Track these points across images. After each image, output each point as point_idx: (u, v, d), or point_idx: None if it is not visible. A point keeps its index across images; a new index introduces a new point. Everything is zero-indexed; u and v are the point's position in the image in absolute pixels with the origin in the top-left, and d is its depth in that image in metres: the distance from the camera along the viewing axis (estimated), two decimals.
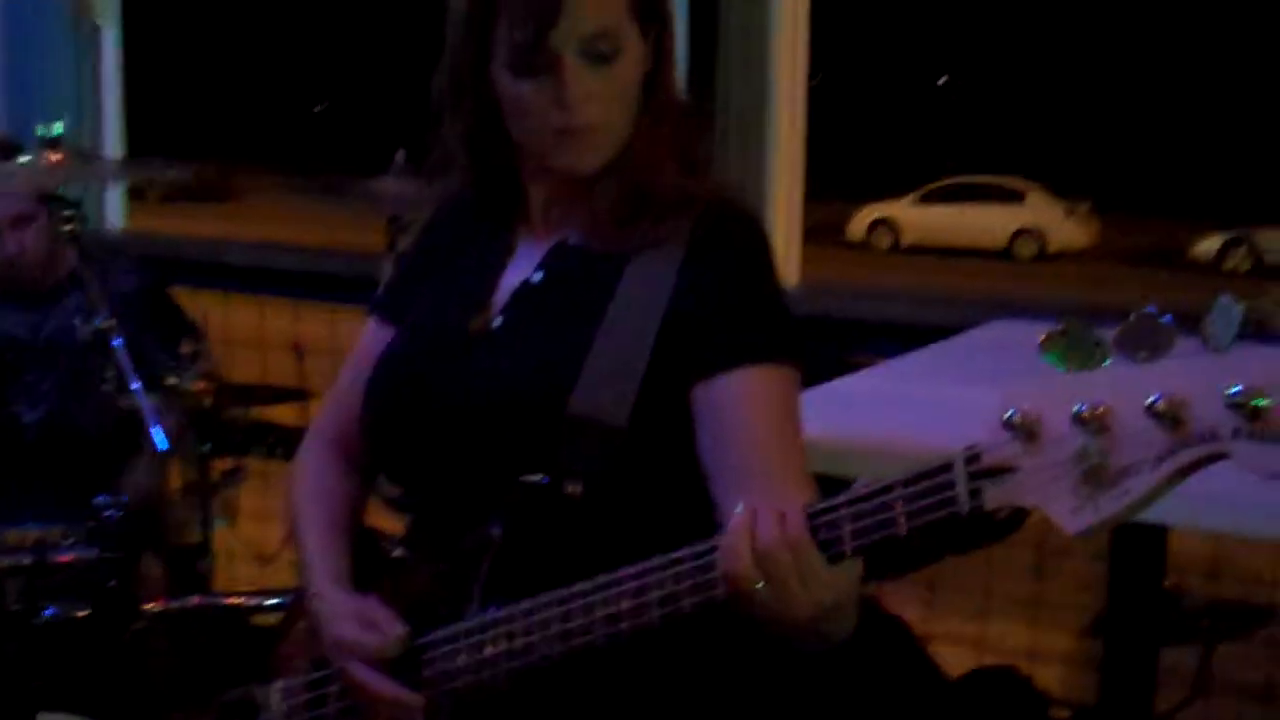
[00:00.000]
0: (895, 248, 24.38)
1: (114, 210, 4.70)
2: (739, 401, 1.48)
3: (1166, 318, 1.10)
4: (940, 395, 2.46)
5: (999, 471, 1.15)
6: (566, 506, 1.48)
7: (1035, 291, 15.84)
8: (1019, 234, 23.64)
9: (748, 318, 1.52)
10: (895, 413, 2.40)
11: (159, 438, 2.53)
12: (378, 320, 1.75)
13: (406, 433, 1.61)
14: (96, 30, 4.87)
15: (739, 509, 1.28)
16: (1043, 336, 1.15)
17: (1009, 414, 1.14)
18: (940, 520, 1.18)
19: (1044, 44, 41.57)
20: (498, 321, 1.60)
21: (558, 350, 1.52)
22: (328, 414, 1.80)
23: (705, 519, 1.47)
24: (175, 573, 2.89)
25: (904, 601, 2.72)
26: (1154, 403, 1.07)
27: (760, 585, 1.26)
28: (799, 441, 1.51)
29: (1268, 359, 1.03)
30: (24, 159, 2.77)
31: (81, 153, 3.43)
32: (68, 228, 2.75)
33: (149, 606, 2.63)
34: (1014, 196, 24.17)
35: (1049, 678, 3.19)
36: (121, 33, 4.97)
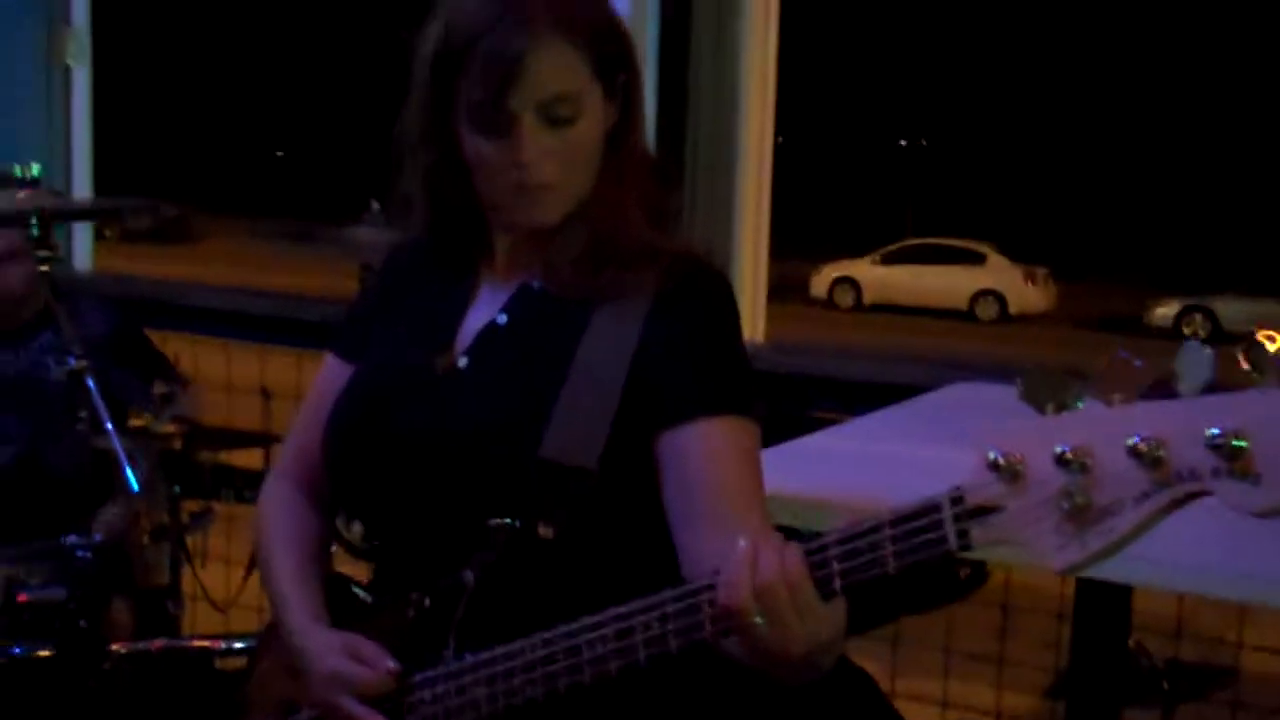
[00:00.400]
0: (858, 306, 24.57)
1: (82, 251, 4.70)
2: (703, 450, 1.51)
3: (1138, 361, 1.15)
4: (906, 454, 2.49)
5: (984, 511, 1.18)
6: (539, 549, 1.49)
7: (998, 352, 15.96)
8: (980, 295, 23.89)
9: (712, 370, 1.54)
10: (860, 470, 2.43)
11: (131, 479, 2.53)
12: (335, 357, 1.75)
13: (371, 472, 1.61)
14: (68, 71, 4.88)
15: (741, 544, 1.30)
16: (1020, 380, 1.18)
17: (992, 455, 1.17)
18: (928, 560, 1.21)
19: (1007, 110, 42.12)
20: (463, 362, 1.61)
21: (527, 394, 1.54)
22: (290, 452, 1.79)
23: (673, 562, 1.51)
24: (143, 614, 2.88)
25: (866, 658, 2.73)
26: (1135, 443, 1.10)
27: (759, 620, 1.28)
28: (760, 490, 1.54)
29: (1239, 402, 1.06)
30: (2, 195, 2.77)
31: (57, 193, 3.45)
32: (44, 267, 2.76)
33: (116, 648, 2.62)
34: (975, 258, 24.42)
35: None
36: (92, 75, 4.98)
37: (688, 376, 1.53)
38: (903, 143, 42.52)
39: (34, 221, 2.74)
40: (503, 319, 1.62)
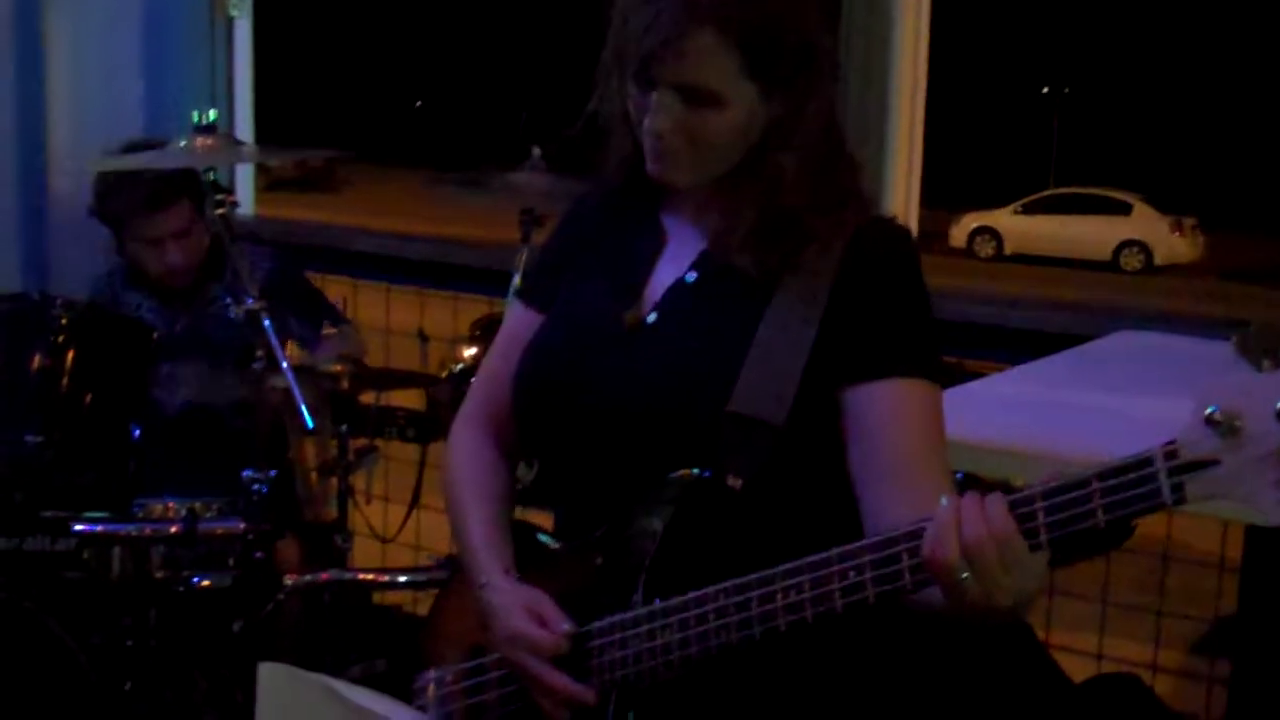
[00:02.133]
0: (998, 256, 24.17)
1: (245, 197, 4.81)
2: (889, 409, 1.53)
3: None
4: (1077, 400, 2.46)
5: (1198, 466, 1.18)
6: (727, 500, 1.51)
7: (1146, 303, 15.60)
8: (1125, 245, 23.33)
9: (901, 331, 1.56)
10: (1034, 416, 2.41)
11: (306, 416, 2.61)
12: (524, 306, 1.78)
13: (562, 424, 1.64)
14: (231, 22, 4.97)
15: (944, 502, 1.31)
16: (1236, 338, 1.18)
17: (1209, 410, 1.17)
18: (1140, 513, 1.22)
19: (1152, 56, 40.90)
20: (653, 317, 1.64)
21: (717, 350, 1.56)
22: (478, 399, 1.83)
23: (855, 518, 1.54)
24: (312, 548, 2.97)
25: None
26: None
27: (965, 576, 1.29)
28: (943, 452, 1.56)
29: None
30: (182, 143, 2.86)
31: (231, 138, 3.53)
32: (220, 210, 2.84)
33: (288, 579, 2.71)
34: (1120, 208, 23.85)
35: (1165, 691, 3.16)
36: (254, 24, 5.07)
37: (877, 336, 1.55)
38: (1045, 90, 41.57)
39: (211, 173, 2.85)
40: (691, 276, 1.64)
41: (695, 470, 1.52)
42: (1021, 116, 40.35)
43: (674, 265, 1.66)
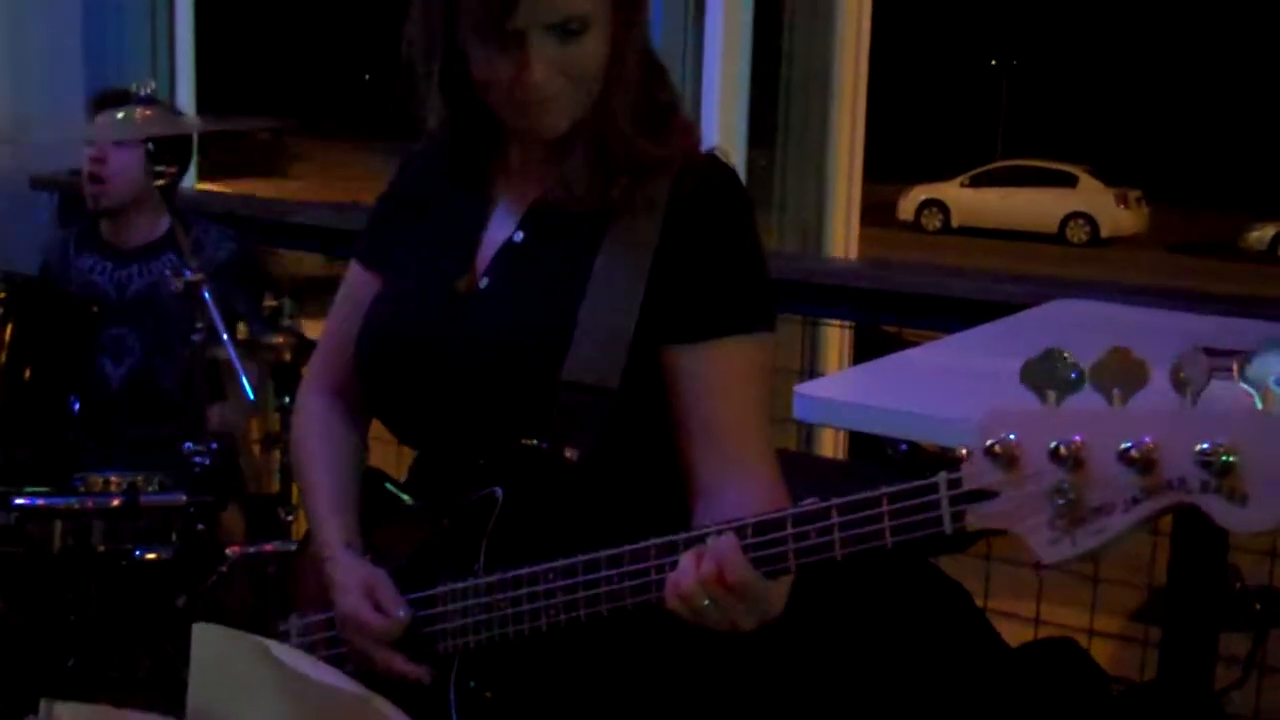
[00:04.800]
0: (945, 228, 24.32)
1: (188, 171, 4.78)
2: (710, 370, 1.53)
3: (1140, 356, 1.13)
4: (1007, 370, 2.49)
5: (981, 495, 1.20)
6: (564, 470, 1.51)
7: (1089, 275, 15.76)
8: (1071, 218, 23.54)
9: (725, 286, 1.55)
10: (961, 385, 2.44)
11: (247, 387, 2.61)
12: (360, 266, 1.76)
13: (403, 391, 1.64)
14: None
15: (682, 563, 1.35)
16: (1023, 365, 1.19)
17: (990, 442, 1.17)
18: (923, 537, 1.23)
19: (1098, 30, 41.18)
20: (484, 282, 1.62)
21: (547, 314, 1.55)
22: (323, 361, 1.82)
23: None
24: (254, 520, 2.97)
25: (960, 574, 2.75)
26: (1127, 448, 1.10)
27: (707, 610, 1.35)
28: (763, 414, 1.57)
29: (1234, 419, 1.06)
30: (121, 113, 2.84)
31: (174, 110, 3.52)
32: (160, 181, 2.83)
33: (231, 551, 2.71)
34: (1066, 180, 24.04)
35: (1101, 656, 3.22)
36: None
37: (699, 294, 1.54)
38: (993, 62, 41.76)
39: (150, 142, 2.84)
40: (519, 236, 1.62)
41: (533, 440, 1.52)
42: (969, 89, 40.51)
43: (503, 227, 1.64)
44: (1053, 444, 1.14)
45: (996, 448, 1.17)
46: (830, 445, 4.06)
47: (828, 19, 4.33)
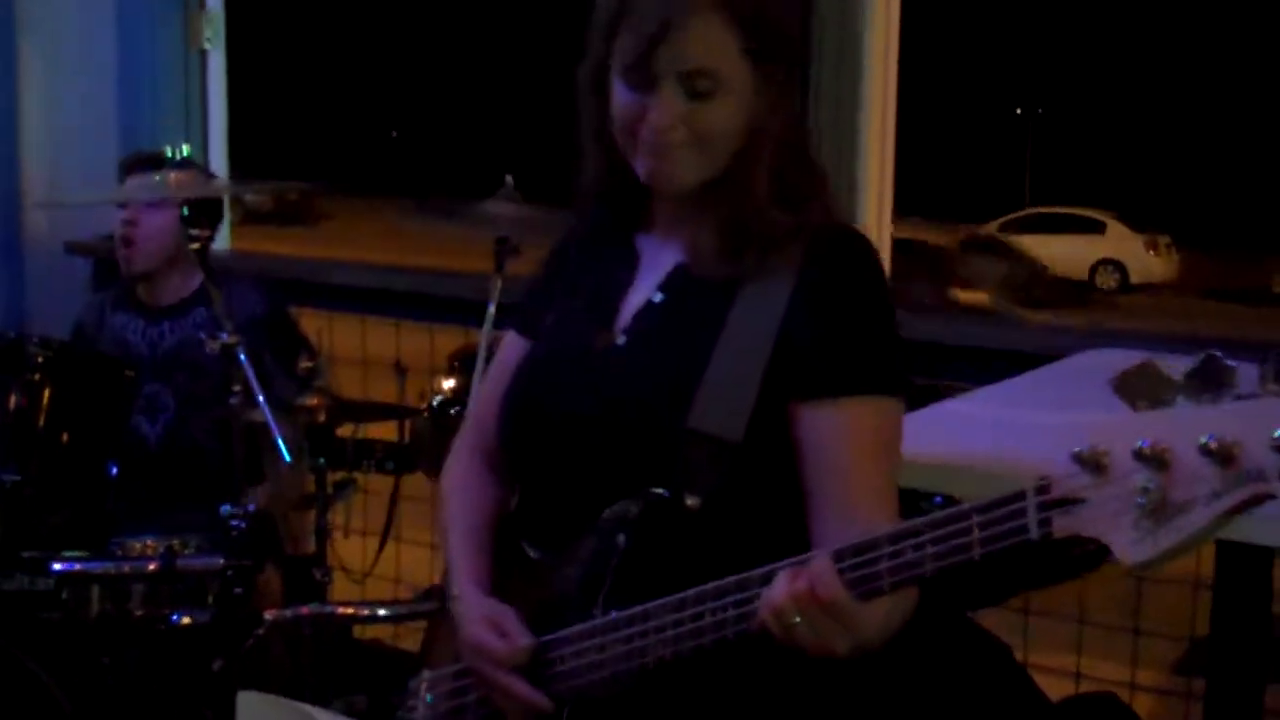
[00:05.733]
0: None
1: (220, 231, 4.81)
2: (837, 430, 1.55)
3: (1229, 360, 1.17)
4: (1043, 420, 2.48)
5: (1068, 502, 1.21)
6: (685, 519, 1.54)
7: (1119, 323, 15.70)
8: (1100, 264, 23.46)
9: (856, 347, 1.57)
10: (998, 435, 2.43)
11: (284, 450, 2.62)
12: (515, 334, 1.84)
13: (536, 443, 1.69)
14: (204, 55, 4.99)
15: (776, 579, 1.39)
16: (1118, 376, 1.20)
17: (1078, 449, 1.20)
18: (1012, 547, 1.25)
19: (1125, 75, 41.19)
20: (621, 339, 1.67)
21: (676, 368, 1.59)
22: (472, 424, 1.90)
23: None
24: (292, 583, 2.97)
25: (999, 630, 2.72)
26: (1207, 442, 1.13)
27: (799, 628, 1.37)
28: (888, 476, 1.58)
29: None
30: (155, 176, 2.87)
31: (207, 173, 3.55)
32: (196, 244, 2.86)
33: (269, 614, 2.71)
34: (1095, 227, 23.98)
35: (1143, 710, 3.18)
36: (227, 56, 5.09)
37: (829, 352, 1.56)
38: (1018, 110, 41.79)
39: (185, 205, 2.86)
40: (658, 297, 1.67)
41: (656, 489, 1.55)
42: (995, 137, 40.56)
43: (645, 288, 1.70)
44: (1138, 444, 1.16)
45: (1084, 453, 1.19)
46: None
47: (854, 68, 4.34)
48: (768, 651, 1.43)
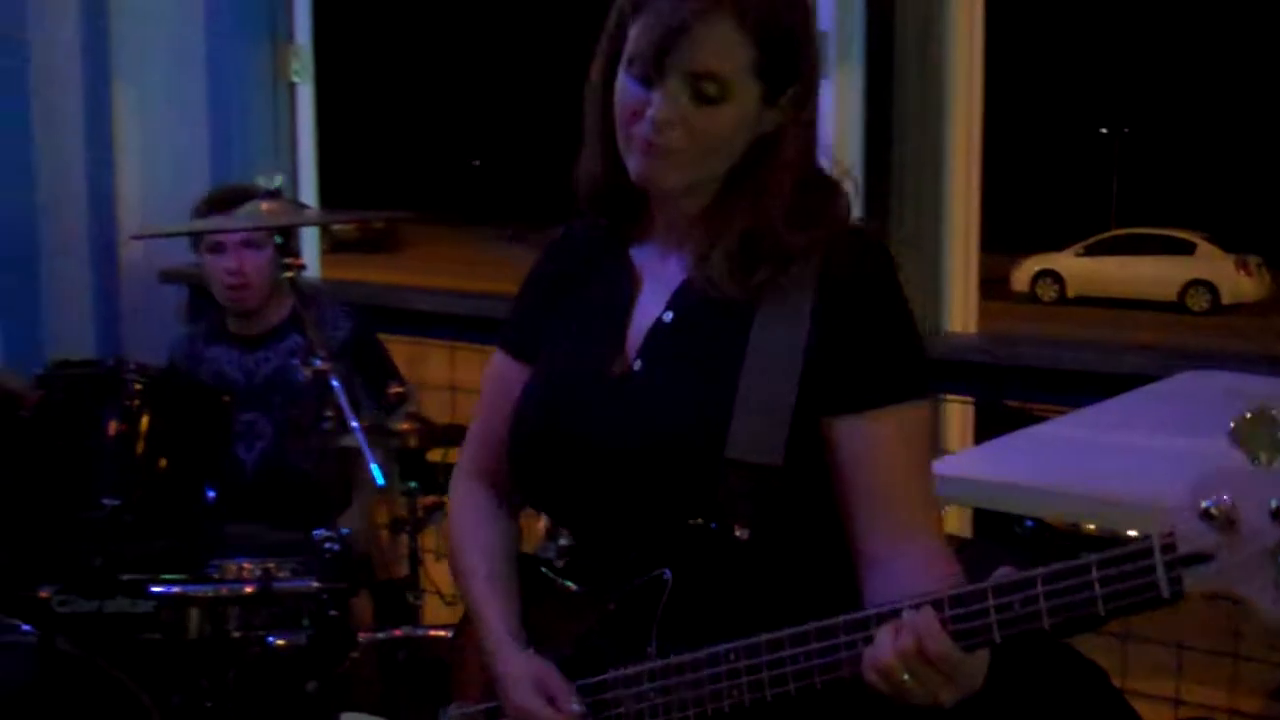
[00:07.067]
0: (1061, 299, 24.00)
1: (310, 259, 4.88)
2: (875, 442, 1.54)
3: None
4: (1143, 443, 2.45)
5: (1195, 559, 1.19)
6: (735, 549, 1.52)
7: (1212, 343, 15.42)
8: (1190, 285, 23.10)
9: (885, 356, 1.56)
10: (1097, 459, 2.40)
11: (377, 475, 2.64)
12: (506, 355, 1.78)
13: (562, 478, 1.65)
14: (293, 87, 5.06)
15: (879, 637, 1.35)
16: (1233, 424, 1.18)
17: (1205, 505, 1.17)
18: (1138, 604, 1.23)
19: (1211, 94, 40.62)
20: (637, 364, 1.63)
21: (705, 394, 1.56)
22: (473, 451, 1.83)
23: None
24: (385, 606, 3.00)
25: (1097, 654, 2.69)
26: None
27: (907, 685, 1.34)
28: (925, 480, 1.57)
29: None
30: (249, 205, 2.92)
31: (298, 204, 3.61)
32: (288, 274, 2.90)
33: (362, 637, 2.74)
34: (1184, 248, 23.63)
35: None
36: (315, 89, 5.16)
37: (859, 365, 1.55)
38: (1104, 131, 41.31)
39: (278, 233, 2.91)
40: (669, 316, 1.64)
41: (701, 520, 1.53)
42: (1081, 158, 40.11)
43: (651, 305, 1.66)
44: (1274, 503, 1.14)
45: (1212, 510, 1.17)
46: (955, 523, 4.00)
47: (939, 90, 4.32)
48: (855, 695, 1.40)
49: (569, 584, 1.69)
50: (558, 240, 1.80)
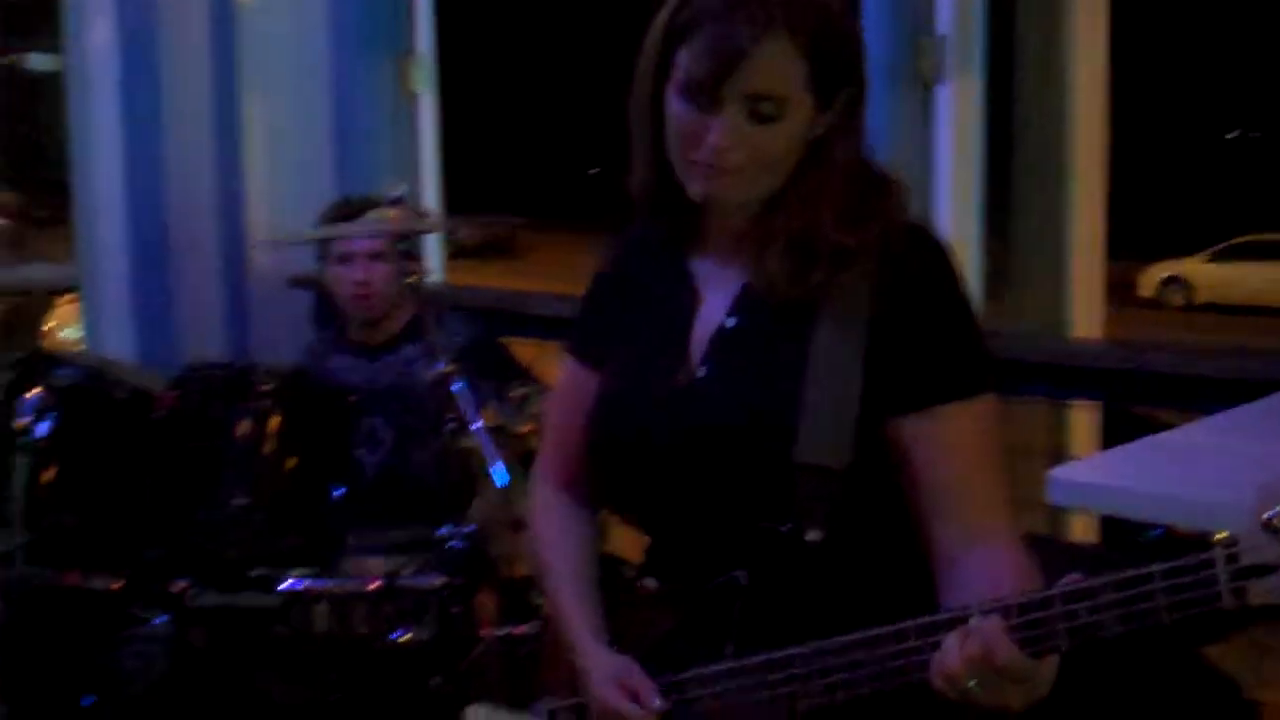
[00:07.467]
0: (1188, 305, 23.51)
1: (434, 266, 4.95)
2: (944, 440, 1.53)
3: None
4: (1271, 451, 2.40)
5: (1259, 570, 1.18)
6: (807, 552, 1.53)
7: None
8: None
9: (948, 352, 1.55)
10: (1233, 468, 2.35)
11: (499, 474, 2.67)
12: (576, 361, 1.81)
13: (637, 483, 1.68)
14: (415, 98, 5.14)
15: (946, 644, 1.35)
16: None
17: (1269, 515, 1.17)
18: (1202, 612, 1.22)
19: None
20: (702, 371, 1.64)
21: (771, 399, 1.56)
22: (550, 457, 1.87)
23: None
24: (508, 604, 3.03)
25: (1227, 663, 2.63)
26: None
27: (973, 691, 1.34)
28: (1000, 473, 1.56)
29: None
30: (374, 213, 2.98)
31: (421, 212, 3.67)
32: (411, 279, 2.95)
33: (485, 633, 2.77)
34: None
35: None
36: (438, 99, 5.24)
37: (923, 362, 1.54)
38: (1232, 135, 40.34)
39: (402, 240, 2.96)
40: (731, 322, 1.65)
41: (773, 523, 1.54)
42: (1209, 162, 39.23)
43: (713, 312, 1.67)
44: None
45: (1275, 521, 1.16)
46: (1081, 529, 3.94)
47: (1060, 97, 4.26)
48: (925, 698, 1.40)
49: (648, 584, 1.72)
50: (618, 245, 1.82)
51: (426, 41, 5.12)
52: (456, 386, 2.79)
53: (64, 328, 6.00)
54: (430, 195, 5.14)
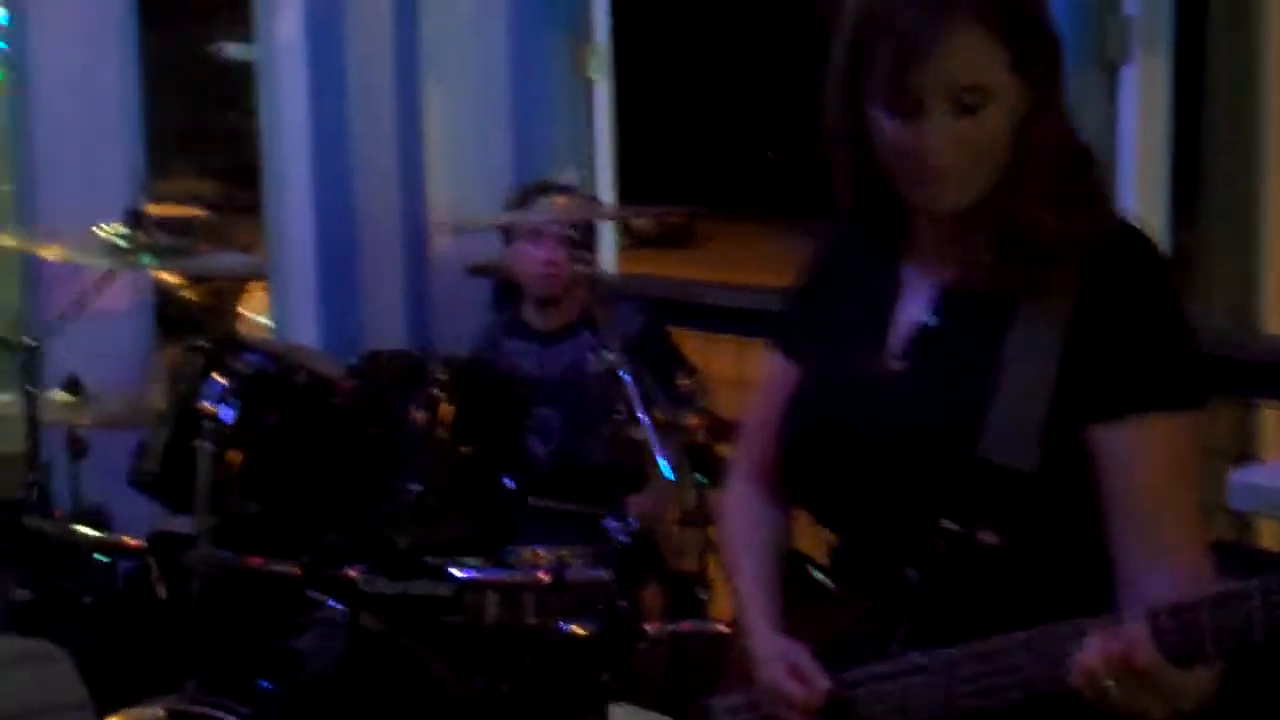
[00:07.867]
0: None
1: (607, 255, 4.99)
2: (1140, 451, 1.48)
3: None
4: None
5: None
6: (981, 554, 1.51)
7: None
8: None
9: (1154, 360, 1.50)
10: None
11: (665, 467, 2.68)
12: (780, 356, 1.80)
13: (827, 476, 1.67)
14: (590, 84, 5.17)
15: (1089, 641, 1.33)
16: None
17: None
18: None
19: None
20: (900, 365, 1.63)
21: (962, 396, 1.54)
22: (746, 451, 1.87)
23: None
24: (675, 598, 3.04)
25: None
26: None
27: (1110, 692, 1.32)
28: (1194, 492, 1.51)
29: None
30: (546, 200, 3.00)
31: (592, 199, 3.70)
32: (583, 268, 2.97)
33: (650, 627, 2.78)
34: None
35: None
36: (614, 86, 5.26)
37: (1126, 367, 1.49)
38: None
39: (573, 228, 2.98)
40: (933, 320, 1.63)
41: (949, 523, 1.52)
42: None
43: (915, 309, 1.65)
44: None
45: None
46: (1269, 536, 3.79)
47: (1254, 81, 4.10)
48: (1083, 706, 1.37)
49: (829, 582, 1.74)
50: (825, 239, 1.82)
51: (603, 29, 5.13)
52: (625, 376, 2.80)
53: (256, 315, 6.20)
54: (605, 183, 5.17)
